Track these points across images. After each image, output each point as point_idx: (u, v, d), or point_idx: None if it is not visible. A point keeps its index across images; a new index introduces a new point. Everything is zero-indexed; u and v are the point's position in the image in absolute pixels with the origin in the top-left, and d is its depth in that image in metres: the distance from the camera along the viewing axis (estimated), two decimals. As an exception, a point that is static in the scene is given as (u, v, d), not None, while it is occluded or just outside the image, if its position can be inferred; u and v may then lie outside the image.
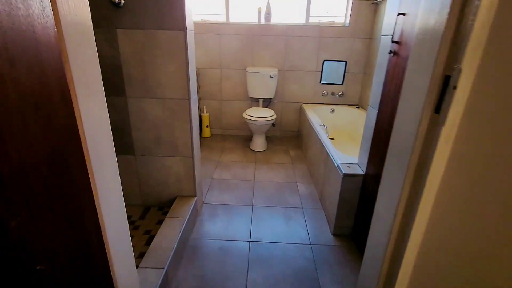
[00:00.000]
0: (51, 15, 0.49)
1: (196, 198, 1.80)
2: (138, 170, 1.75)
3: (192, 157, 1.71)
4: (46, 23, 0.47)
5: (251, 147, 3.01)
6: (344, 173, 1.55)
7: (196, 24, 2.96)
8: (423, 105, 0.68)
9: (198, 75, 3.09)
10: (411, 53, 0.74)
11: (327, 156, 1.91)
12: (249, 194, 2.14)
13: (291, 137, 3.41)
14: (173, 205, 1.72)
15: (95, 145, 0.65)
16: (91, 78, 0.62)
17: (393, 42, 1.22)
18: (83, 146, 0.61)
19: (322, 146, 2.07)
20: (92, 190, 0.65)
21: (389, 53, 1.24)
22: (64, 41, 0.52)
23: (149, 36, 1.45)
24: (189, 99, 1.57)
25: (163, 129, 1.64)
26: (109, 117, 0.70)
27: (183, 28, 1.42)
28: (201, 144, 3.09)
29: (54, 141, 0.51)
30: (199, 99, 3.27)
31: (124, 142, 1.68)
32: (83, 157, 0.61)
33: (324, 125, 2.48)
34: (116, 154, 0.73)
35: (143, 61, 1.50)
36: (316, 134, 2.30)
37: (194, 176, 1.76)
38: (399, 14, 1.17)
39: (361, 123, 2.98)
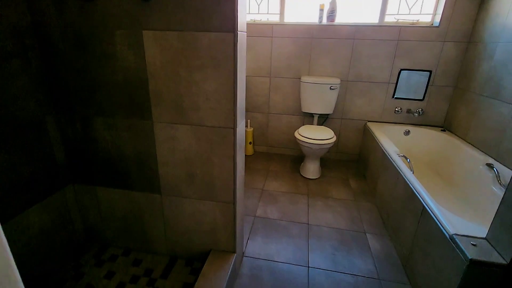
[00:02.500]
0: None
1: (235, 255, 1.35)
2: (165, 212, 1.36)
3: (234, 203, 1.26)
4: None
5: (301, 173, 2.50)
6: (471, 259, 0.97)
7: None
8: None
9: (243, 84, 2.66)
10: None
11: (423, 211, 1.33)
12: (302, 246, 1.63)
13: (350, 161, 2.81)
14: (206, 264, 1.28)
15: None
16: None
17: None
18: None
19: (410, 192, 1.49)
20: None
21: None
22: None
23: (186, 41, 1.03)
24: (234, 127, 1.12)
25: (197, 165, 1.22)
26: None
27: (232, 28, 0.98)
28: (243, 164, 2.66)
29: None
30: (243, 111, 2.84)
31: (147, 177, 1.29)
32: None
33: (406, 158, 1.87)
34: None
35: (176, 75, 1.08)
36: (397, 170, 1.71)
37: (234, 227, 1.31)
38: None
39: (449, 153, 2.28)
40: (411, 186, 1.49)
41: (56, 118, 1.27)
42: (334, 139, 2.27)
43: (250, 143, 2.85)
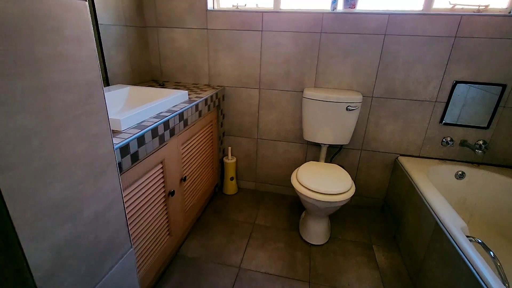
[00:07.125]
0: None
1: None
2: None
3: None
4: None
5: (301, 233, 1.69)
6: None
7: (224, 13, 1.74)
8: None
9: (221, 98, 1.88)
10: None
11: None
12: None
13: (373, 208, 1.99)
14: None
15: None
16: None
17: None
18: None
19: None
20: None
21: None
22: None
23: None
24: None
25: None
26: None
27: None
28: (216, 211, 1.88)
29: None
30: (222, 135, 2.06)
31: None
32: None
33: (489, 250, 1.05)
34: None
35: None
36: (474, 276, 0.89)
37: None
38: None
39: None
40: None
41: None
42: (352, 192, 1.46)
43: (231, 179, 2.06)
